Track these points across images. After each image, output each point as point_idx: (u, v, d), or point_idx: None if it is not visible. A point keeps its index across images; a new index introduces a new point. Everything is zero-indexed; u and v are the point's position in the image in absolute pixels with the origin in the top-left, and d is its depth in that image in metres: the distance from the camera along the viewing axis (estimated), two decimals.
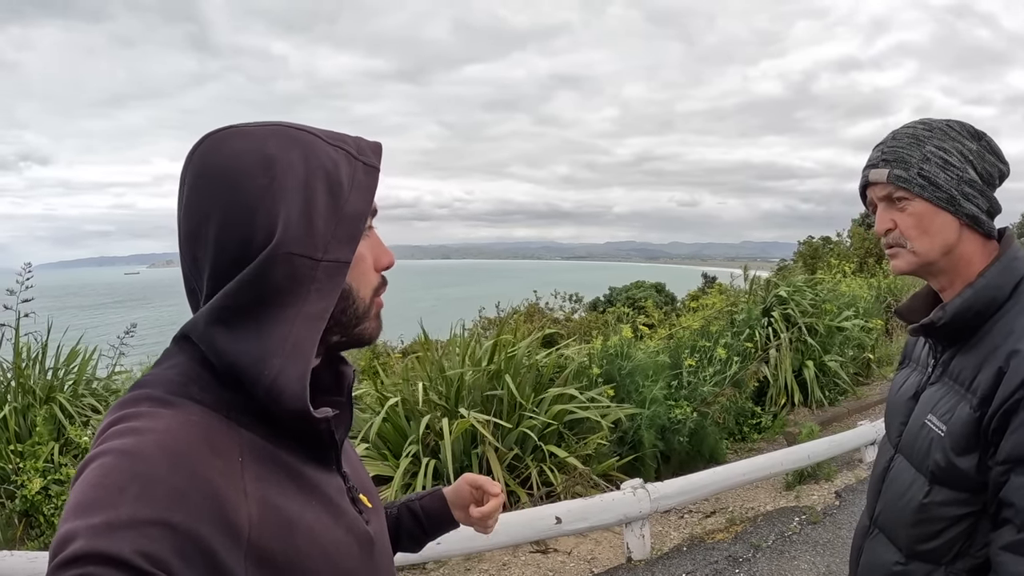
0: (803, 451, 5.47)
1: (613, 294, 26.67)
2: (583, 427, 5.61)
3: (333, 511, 0.87)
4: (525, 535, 4.07)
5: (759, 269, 11.12)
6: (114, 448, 0.70)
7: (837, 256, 13.47)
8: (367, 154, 0.88)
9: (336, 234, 0.82)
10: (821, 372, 8.06)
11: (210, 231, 0.80)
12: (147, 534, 0.64)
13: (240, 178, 0.79)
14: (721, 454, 6.69)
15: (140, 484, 0.67)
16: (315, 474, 0.87)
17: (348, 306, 0.87)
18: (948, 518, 1.32)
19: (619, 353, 6.44)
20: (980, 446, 1.26)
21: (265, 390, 0.78)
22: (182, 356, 0.83)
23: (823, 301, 8.64)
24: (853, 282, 10.63)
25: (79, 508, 0.65)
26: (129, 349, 6.58)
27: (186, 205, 0.82)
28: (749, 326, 8.04)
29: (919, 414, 1.43)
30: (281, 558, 0.76)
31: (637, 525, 4.39)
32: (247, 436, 0.80)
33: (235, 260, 0.79)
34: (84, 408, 5.46)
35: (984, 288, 1.32)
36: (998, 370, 1.24)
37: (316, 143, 0.84)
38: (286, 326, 0.79)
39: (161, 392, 0.78)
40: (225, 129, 0.84)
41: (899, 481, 1.45)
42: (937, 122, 1.38)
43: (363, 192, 0.85)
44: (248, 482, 0.76)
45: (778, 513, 5.16)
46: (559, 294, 14.89)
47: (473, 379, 5.51)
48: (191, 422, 0.75)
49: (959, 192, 1.32)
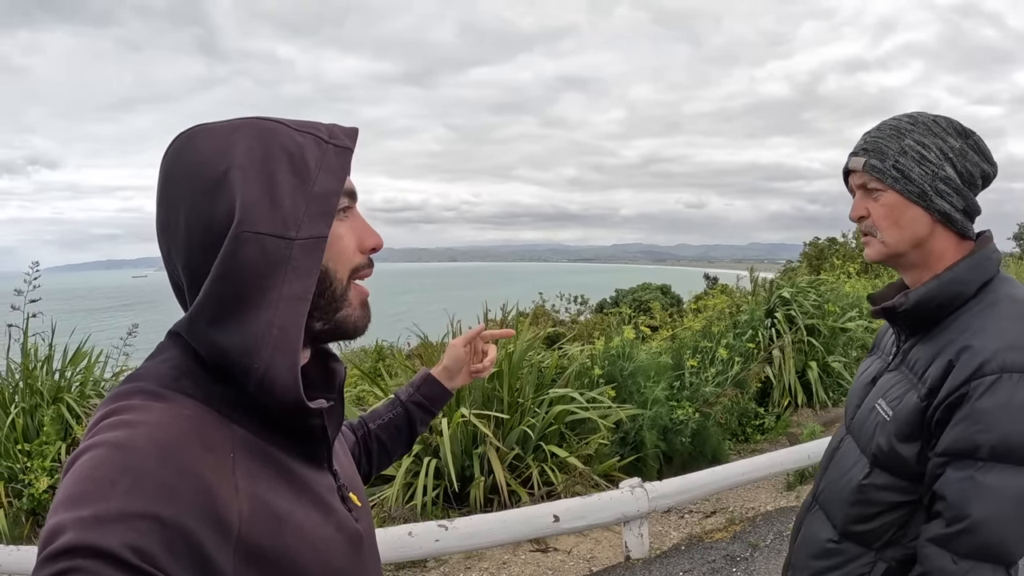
0: (803, 451, 5.48)
1: (619, 296, 26.68)
2: (584, 427, 5.64)
3: (323, 509, 0.87)
4: (523, 533, 4.10)
5: (766, 271, 11.11)
6: (106, 441, 0.71)
7: (842, 257, 13.46)
8: (339, 137, 0.89)
9: (308, 212, 0.82)
10: (824, 373, 8.06)
11: (180, 221, 0.82)
12: (136, 528, 0.64)
13: (201, 167, 0.81)
14: (724, 455, 6.69)
15: (130, 477, 0.67)
16: (306, 471, 0.87)
17: (325, 288, 0.87)
18: (884, 503, 1.35)
19: (621, 354, 6.47)
20: (923, 436, 1.29)
21: (257, 383, 0.78)
22: (175, 350, 0.84)
23: (826, 302, 8.64)
24: (857, 283, 10.62)
25: (69, 500, 0.66)
26: (135, 351, 6.63)
27: (158, 201, 0.85)
28: (752, 327, 8.06)
29: (872, 398, 1.46)
30: (270, 554, 0.76)
31: (635, 524, 4.42)
32: (239, 432, 0.80)
33: (203, 245, 0.80)
34: (91, 409, 5.51)
35: (950, 282, 1.35)
36: (948, 363, 1.27)
37: (280, 129, 0.85)
38: (269, 311, 0.79)
39: (154, 386, 0.79)
40: (193, 128, 0.86)
41: (844, 460, 1.48)
42: (924, 116, 1.40)
43: (334, 172, 0.86)
44: (239, 478, 0.76)
45: (778, 513, 5.17)
46: (565, 296, 14.89)
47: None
48: (183, 416, 0.76)
49: (932, 188, 1.34)
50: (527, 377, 5.71)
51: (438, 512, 4.82)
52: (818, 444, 5.66)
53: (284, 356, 0.79)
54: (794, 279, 9.66)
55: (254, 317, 0.78)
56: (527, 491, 5.05)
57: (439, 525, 3.90)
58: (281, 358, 0.79)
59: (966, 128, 1.39)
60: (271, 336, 0.78)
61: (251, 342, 0.78)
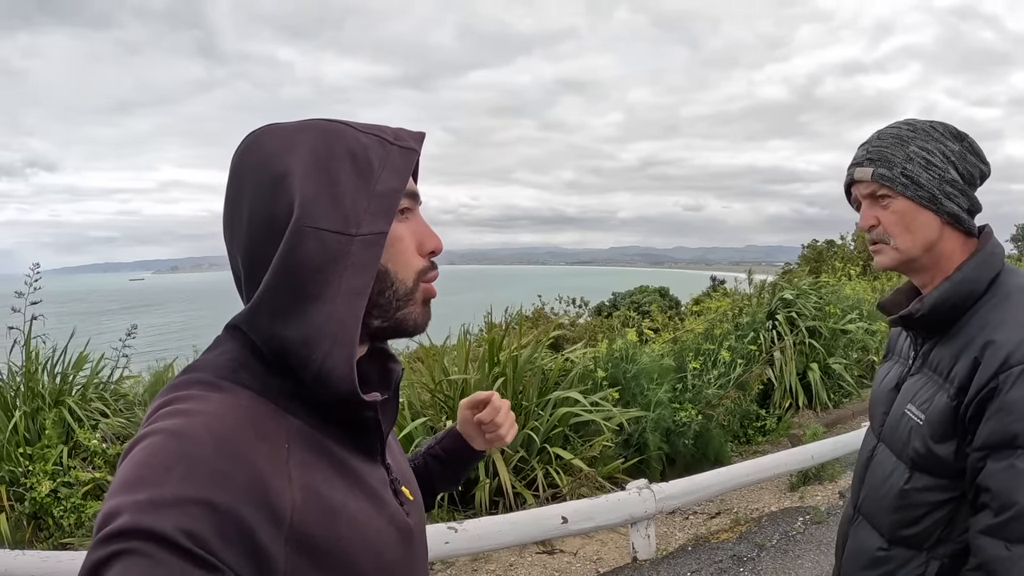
0: (807, 452, 5.48)
1: (617, 299, 26.68)
2: (588, 429, 5.64)
3: (376, 502, 0.88)
4: (531, 535, 4.09)
5: (764, 273, 11.12)
6: (163, 428, 0.72)
7: (841, 259, 13.48)
8: (405, 139, 0.90)
9: (369, 209, 0.83)
10: (825, 374, 8.07)
11: (243, 213, 0.84)
12: (189, 512, 0.65)
13: (265, 164, 0.83)
14: (726, 456, 6.70)
15: (186, 464, 0.68)
16: (360, 464, 0.88)
17: (386, 287, 0.87)
18: (928, 503, 1.36)
19: (624, 357, 6.47)
20: (957, 434, 1.30)
21: (314, 374, 0.80)
22: (233, 343, 0.85)
23: (827, 304, 8.65)
24: (858, 285, 10.64)
25: (125, 485, 0.67)
26: (136, 354, 6.61)
27: (225, 197, 0.87)
28: (753, 329, 8.06)
29: (900, 404, 1.47)
30: (323, 545, 0.77)
31: (643, 525, 4.41)
32: (294, 423, 0.81)
33: (264, 238, 0.82)
34: (93, 412, 5.50)
35: (961, 282, 1.37)
36: (973, 360, 1.28)
37: (344, 131, 0.87)
38: (328, 305, 0.80)
39: (211, 376, 0.81)
40: (262, 127, 0.89)
41: (881, 469, 1.49)
42: (921, 123, 1.43)
43: (397, 171, 0.87)
44: (293, 468, 0.77)
45: (782, 513, 5.17)
46: (563, 299, 14.91)
47: (478, 382, 5.54)
48: (239, 406, 0.77)
49: (940, 191, 1.37)
50: (531, 380, 5.71)
51: (443, 514, 4.81)
52: (821, 445, 5.66)
53: (342, 348, 0.80)
54: (795, 281, 9.67)
55: (314, 310, 0.80)
56: (532, 493, 5.05)
57: (448, 527, 3.89)
58: (339, 350, 0.80)
59: (960, 131, 1.42)
60: (330, 328, 0.80)
61: (310, 334, 0.79)
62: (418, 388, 5.75)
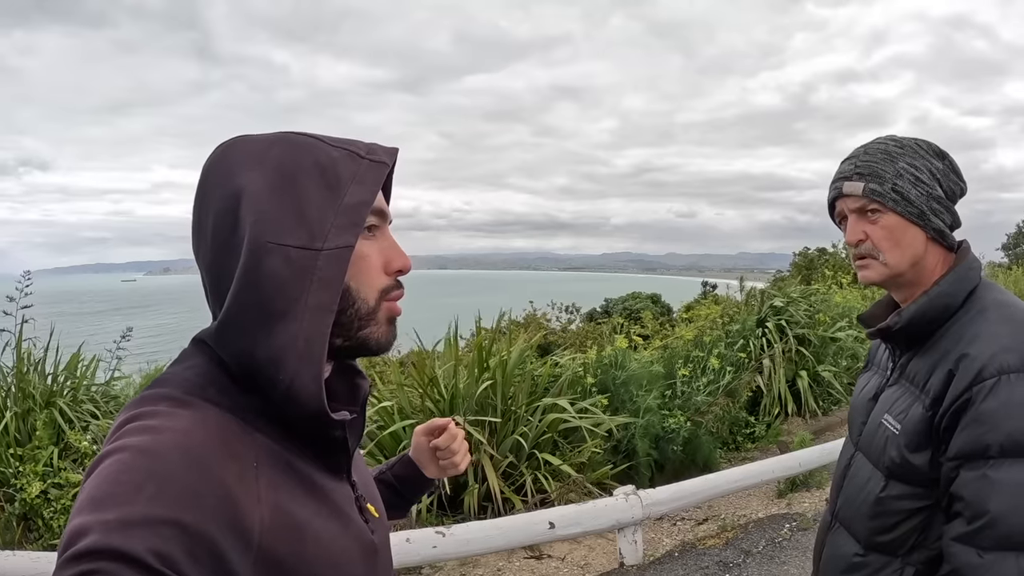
0: (794, 459, 5.52)
1: (609, 305, 26.69)
2: (576, 435, 5.65)
3: (342, 519, 0.88)
4: (519, 539, 4.11)
5: (756, 280, 11.15)
6: (131, 445, 0.71)
7: (832, 267, 13.54)
8: (377, 153, 0.89)
9: (336, 223, 0.82)
10: (815, 382, 8.10)
11: (207, 227, 0.84)
12: (160, 533, 0.64)
13: (232, 176, 0.83)
14: (715, 463, 6.72)
15: (156, 483, 0.67)
16: (326, 482, 0.88)
17: (348, 306, 0.86)
18: (903, 511, 1.39)
19: (613, 363, 6.49)
20: (932, 443, 1.34)
21: (282, 393, 0.79)
22: (200, 357, 0.84)
23: (817, 312, 8.69)
24: (848, 293, 10.68)
25: (93, 503, 0.66)
26: (128, 356, 6.62)
27: (193, 205, 0.87)
28: (743, 336, 8.09)
29: (877, 413, 1.51)
30: (289, 563, 0.77)
31: (630, 531, 4.44)
32: (262, 441, 0.81)
33: (224, 246, 0.82)
34: (83, 413, 5.49)
35: (938, 296, 1.41)
36: (948, 372, 1.32)
37: (314, 144, 0.86)
38: (295, 322, 0.79)
39: (179, 392, 0.79)
40: (233, 138, 0.89)
41: (858, 477, 1.52)
42: (906, 140, 1.47)
43: (366, 184, 0.85)
44: (262, 487, 0.77)
45: (769, 520, 5.21)
46: (556, 305, 14.92)
47: (467, 387, 5.55)
48: (208, 424, 0.77)
49: (928, 208, 1.41)
50: (520, 385, 5.72)
51: (432, 519, 4.82)
52: (809, 452, 5.70)
53: (309, 367, 0.80)
54: (785, 289, 9.71)
55: (281, 328, 0.79)
56: (521, 498, 5.07)
57: (436, 532, 3.91)
58: (306, 369, 0.80)
59: (942, 149, 1.46)
60: (297, 347, 0.79)
61: (277, 353, 0.79)
62: (408, 391, 5.76)
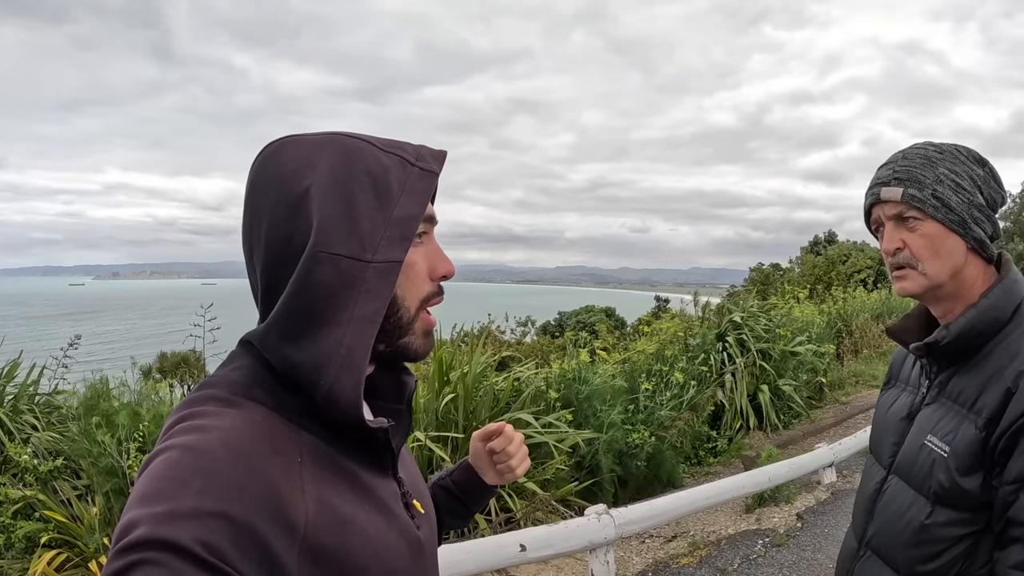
0: (764, 474, 5.44)
1: (563, 318, 26.76)
2: (541, 451, 5.51)
3: (387, 515, 0.89)
4: (489, 563, 3.92)
5: (709, 295, 11.27)
6: (180, 444, 0.74)
7: (789, 282, 13.73)
8: (426, 160, 0.89)
9: (387, 235, 0.83)
10: (776, 396, 8.11)
11: (262, 229, 0.84)
12: (206, 524, 0.67)
13: (285, 182, 0.83)
14: (679, 478, 6.67)
15: (203, 478, 0.70)
16: (371, 478, 0.89)
17: (392, 314, 0.87)
18: (950, 538, 1.30)
19: (577, 378, 6.37)
20: (985, 466, 1.25)
21: (323, 397, 0.81)
22: (247, 359, 0.86)
23: (777, 326, 8.71)
24: (806, 308, 10.80)
25: (144, 498, 0.69)
26: (75, 364, 6.28)
27: (244, 207, 0.87)
28: (704, 351, 8.07)
29: (916, 435, 1.41)
30: (334, 556, 0.78)
31: (602, 551, 4.28)
32: (307, 438, 0.82)
33: (280, 256, 0.83)
34: (23, 425, 5.16)
35: (988, 309, 1.32)
36: (1006, 391, 1.23)
37: (366, 149, 0.86)
38: (340, 329, 0.80)
39: (226, 393, 0.82)
40: (283, 138, 0.89)
41: (896, 503, 1.42)
42: (946, 145, 1.38)
43: (416, 195, 0.86)
44: (306, 481, 0.78)
45: (741, 536, 5.11)
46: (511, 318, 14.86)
47: (428, 402, 5.39)
48: (254, 422, 0.79)
49: (969, 216, 1.32)
50: (482, 400, 5.58)
51: None
52: (778, 467, 5.64)
53: (349, 374, 0.81)
54: (742, 303, 9.73)
55: (325, 335, 0.81)
56: (485, 518, 4.89)
57: None
58: (346, 376, 0.80)
59: (982, 156, 1.38)
60: (339, 355, 0.80)
61: (320, 359, 0.80)
62: None
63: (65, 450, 4.61)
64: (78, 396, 5.83)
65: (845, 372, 10.54)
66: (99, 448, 4.30)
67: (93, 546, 3.97)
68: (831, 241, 30.38)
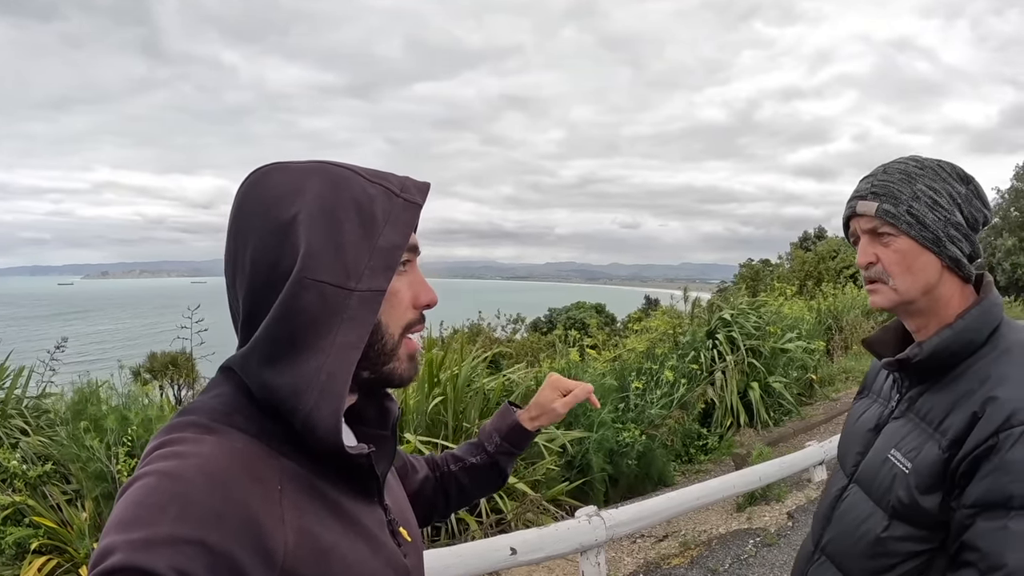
0: (755, 473, 5.45)
1: (553, 315, 26.75)
2: (531, 452, 5.51)
3: (372, 543, 0.89)
4: (480, 567, 3.91)
5: (699, 291, 11.28)
6: (157, 470, 0.73)
7: (779, 279, 13.73)
8: (410, 191, 0.91)
9: (371, 264, 0.84)
10: (766, 393, 8.12)
11: (247, 254, 0.85)
12: (183, 552, 0.67)
13: (272, 208, 0.84)
14: (669, 477, 6.68)
15: (179, 504, 0.70)
16: (354, 506, 0.89)
17: (376, 340, 0.88)
18: (904, 553, 1.30)
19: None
20: (945, 487, 1.25)
21: (301, 423, 0.81)
22: (227, 386, 0.87)
23: (767, 324, 8.73)
24: (795, 304, 10.81)
25: (120, 524, 0.69)
26: (64, 365, 6.22)
27: (228, 231, 0.88)
28: (694, 348, 8.08)
29: (881, 448, 1.41)
30: None
31: (593, 553, 4.28)
32: (287, 465, 0.82)
33: (265, 283, 0.83)
34: (12, 429, 5.10)
35: (963, 330, 1.32)
36: (972, 415, 1.23)
37: (352, 178, 0.87)
38: (320, 356, 0.81)
39: (206, 419, 0.82)
40: (269, 165, 0.89)
41: (854, 512, 1.43)
42: (929, 161, 1.38)
43: (400, 226, 0.88)
44: (286, 509, 0.78)
45: (732, 536, 5.11)
46: (502, 315, 14.84)
47: (418, 403, 5.38)
48: (233, 449, 0.78)
49: (945, 234, 1.32)
50: (472, 401, 5.57)
51: None
52: (768, 466, 5.64)
53: (329, 401, 0.81)
54: (732, 300, 9.74)
55: (306, 360, 0.81)
56: (475, 519, 4.88)
57: None
58: (326, 402, 0.80)
59: (967, 173, 1.37)
60: (319, 380, 0.81)
61: (300, 384, 0.81)
62: None
63: (54, 455, 4.58)
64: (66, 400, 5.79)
65: (835, 368, 10.56)
66: (88, 453, 4.27)
67: (83, 551, 3.94)
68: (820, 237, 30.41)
